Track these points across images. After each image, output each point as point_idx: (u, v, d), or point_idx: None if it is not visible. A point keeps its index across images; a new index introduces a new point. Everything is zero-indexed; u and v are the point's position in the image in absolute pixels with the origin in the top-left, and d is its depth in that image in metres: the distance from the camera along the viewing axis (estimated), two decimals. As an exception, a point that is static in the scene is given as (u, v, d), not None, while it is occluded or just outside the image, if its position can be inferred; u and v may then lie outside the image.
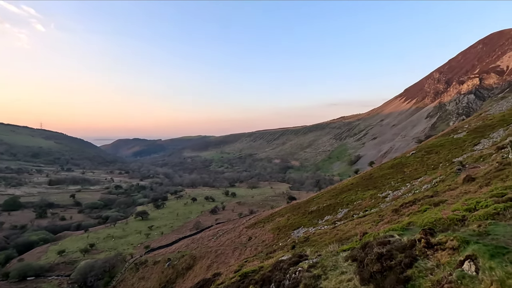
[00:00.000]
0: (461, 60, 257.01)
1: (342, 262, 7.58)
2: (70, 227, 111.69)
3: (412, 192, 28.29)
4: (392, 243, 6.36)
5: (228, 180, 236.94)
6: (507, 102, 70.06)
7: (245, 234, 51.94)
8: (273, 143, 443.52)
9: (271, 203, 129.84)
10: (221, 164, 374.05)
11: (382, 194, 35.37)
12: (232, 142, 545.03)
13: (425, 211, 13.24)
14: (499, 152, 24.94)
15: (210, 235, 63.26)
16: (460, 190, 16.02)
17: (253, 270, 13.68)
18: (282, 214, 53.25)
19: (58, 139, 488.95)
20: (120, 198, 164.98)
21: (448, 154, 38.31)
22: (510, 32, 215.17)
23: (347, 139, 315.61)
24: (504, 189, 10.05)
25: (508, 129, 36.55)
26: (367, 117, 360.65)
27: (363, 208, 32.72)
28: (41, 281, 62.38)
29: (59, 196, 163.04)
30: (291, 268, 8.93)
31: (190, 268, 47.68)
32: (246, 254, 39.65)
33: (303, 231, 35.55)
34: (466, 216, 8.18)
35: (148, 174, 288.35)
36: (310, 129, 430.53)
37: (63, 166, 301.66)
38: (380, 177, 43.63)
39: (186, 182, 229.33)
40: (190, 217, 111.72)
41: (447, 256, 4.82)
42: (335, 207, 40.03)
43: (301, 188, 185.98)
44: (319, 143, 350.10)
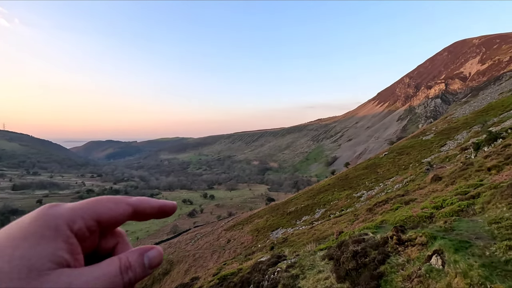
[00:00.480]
0: (429, 66, 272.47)
1: (319, 261, 7.76)
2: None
3: (385, 191, 29.51)
4: (367, 241, 6.60)
5: (207, 182, 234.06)
6: (469, 106, 75.15)
7: (223, 236, 51.55)
8: (252, 145, 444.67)
9: (250, 204, 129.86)
10: (199, 166, 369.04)
11: (357, 194, 36.56)
12: (210, 144, 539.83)
13: (396, 209, 13.87)
14: (463, 153, 26.69)
15: (188, 239, 62.13)
16: (428, 189, 16.94)
17: (232, 273, 13.61)
18: (261, 216, 53.44)
19: (23, 141, 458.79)
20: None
21: (417, 155, 40.39)
22: (471, 41, 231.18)
23: (324, 140, 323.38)
24: (467, 188, 10.77)
25: (470, 131, 39.18)
26: (342, 119, 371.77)
27: (339, 208, 33.64)
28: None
29: (24, 201, 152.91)
30: (270, 269, 9.00)
31: (167, 273, 46.50)
32: (225, 256, 39.35)
33: (282, 232, 35.90)
34: (433, 213, 8.68)
35: (123, 177, 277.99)
36: (288, 131, 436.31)
37: (29, 170, 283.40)
38: (355, 178, 45.09)
39: (163, 185, 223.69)
40: (167, 221, 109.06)
41: (417, 252, 5.09)
42: (313, 208, 40.81)
43: (280, 189, 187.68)
44: (297, 145, 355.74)
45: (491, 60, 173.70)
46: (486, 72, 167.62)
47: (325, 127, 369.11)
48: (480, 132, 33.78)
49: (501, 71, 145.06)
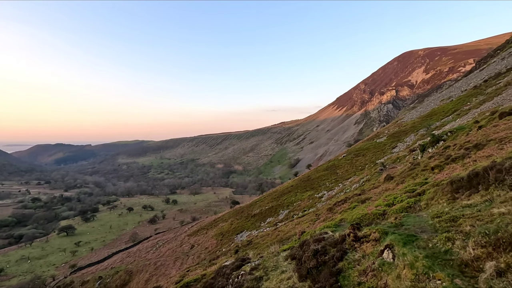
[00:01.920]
0: (382, 74, 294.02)
1: (282, 261, 7.90)
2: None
3: (343, 191, 31.07)
4: (326, 239, 6.88)
5: (169, 187, 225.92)
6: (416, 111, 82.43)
7: (187, 242, 50.11)
8: (215, 148, 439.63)
9: (214, 208, 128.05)
10: (160, 170, 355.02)
11: (318, 194, 37.99)
12: (172, 147, 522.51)
13: (354, 208, 14.67)
14: (411, 154, 29.15)
15: (149, 247, 59.32)
16: (381, 188, 18.20)
17: (196, 279, 13.26)
18: (225, 219, 52.96)
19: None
20: (39, 212, 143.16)
21: (372, 156, 43.22)
22: (417, 53, 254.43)
23: (287, 143, 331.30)
24: (414, 186, 11.77)
25: (417, 134, 42.97)
26: (304, 122, 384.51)
27: (302, 209, 34.63)
28: None
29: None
30: (234, 272, 8.94)
31: (126, 284, 43.86)
32: (189, 263, 38.25)
33: (246, 235, 35.92)
34: (386, 210, 9.34)
35: (75, 183, 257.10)
36: (252, 133, 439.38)
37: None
38: (316, 179, 46.83)
39: (121, 191, 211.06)
40: (125, 229, 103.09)
41: (371, 247, 5.43)
42: (277, 209, 41.49)
43: (244, 192, 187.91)
44: (261, 148, 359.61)
45: (434, 70, 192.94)
46: (430, 80, 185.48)
47: (288, 130, 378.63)
48: (425, 135, 37.25)
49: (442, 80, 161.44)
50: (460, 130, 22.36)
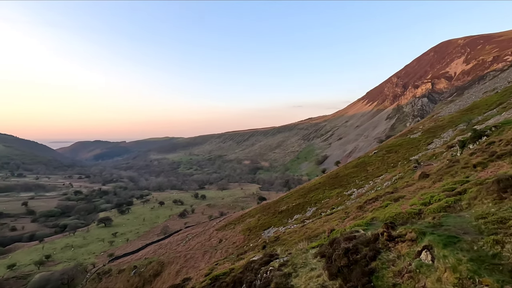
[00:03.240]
0: (416, 66, 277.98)
1: (312, 259, 7.80)
2: (22, 238, 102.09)
3: (374, 189, 29.95)
4: (358, 238, 6.67)
5: (197, 182, 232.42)
6: (455, 105, 77.05)
7: (215, 236, 51.31)
8: (242, 144, 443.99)
9: (241, 204, 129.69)
10: (189, 166, 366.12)
11: (347, 192, 36.99)
12: (201, 143, 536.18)
13: (386, 206, 14.08)
14: (449, 151, 27.33)
15: (179, 240, 61.57)
16: (416, 186, 17.27)
17: (224, 273, 13.55)
18: (252, 215, 53.44)
19: (7, 142, 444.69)
20: (80, 204, 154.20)
21: (405, 153, 41.16)
22: (456, 42, 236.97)
23: (314, 139, 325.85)
24: (454, 184, 11.02)
25: (456, 129, 40.18)
26: (332, 118, 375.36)
27: (330, 206, 33.95)
28: (-13, 299, 56.37)
29: (9, 204, 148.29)
30: (262, 268, 9.00)
31: (158, 274, 45.98)
32: (217, 257, 39.18)
33: (274, 231, 35.98)
34: (422, 209, 8.84)
35: (111, 178, 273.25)
36: (278, 130, 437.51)
37: (13, 172, 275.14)
38: (345, 176, 45.60)
39: (152, 186, 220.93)
40: (157, 222, 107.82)
41: (407, 247, 5.17)
42: (304, 206, 41.06)
43: (271, 188, 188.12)
44: (287, 144, 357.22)
45: (475, 60, 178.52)
46: (470, 71, 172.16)
47: (316, 126, 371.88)
48: (465, 130, 34.69)
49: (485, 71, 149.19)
50: (507, 124, 20.53)
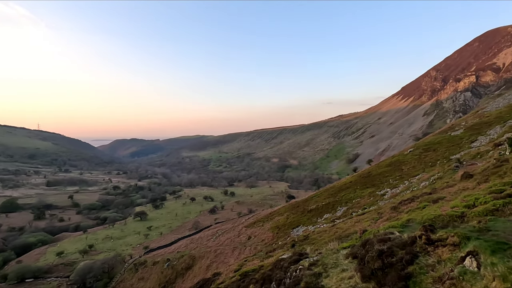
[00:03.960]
0: (457, 58, 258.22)
1: (343, 259, 7.61)
2: (69, 228, 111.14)
3: (410, 189, 28.42)
4: (393, 240, 6.38)
5: (227, 179, 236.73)
6: (503, 99, 70.51)
7: (244, 233, 51.96)
8: (271, 142, 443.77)
9: (270, 202, 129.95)
10: (219, 163, 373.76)
11: (380, 192, 35.49)
12: (229, 141, 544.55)
13: (424, 208, 13.30)
14: (496, 149, 25.10)
15: (209, 235, 63.21)
16: (458, 187, 16.11)
17: (253, 269, 13.68)
18: (281, 213, 53.33)
19: (56, 140, 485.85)
20: (118, 198, 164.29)
21: (445, 151, 38.51)
22: (506, 30, 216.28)
23: (345, 137, 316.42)
24: (502, 186, 10.11)
25: (505, 126, 36.78)
26: (364, 115, 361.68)
27: (361, 206, 32.83)
28: (40, 283, 62.10)
29: (57, 197, 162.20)
30: (292, 266, 8.95)
31: (190, 268, 47.64)
32: (246, 253, 39.67)
33: (303, 230, 35.61)
34: (465, 212, 8.22)
35: (146, 174, 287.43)
36: (308, 127, 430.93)
37: (61, 167, 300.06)
38: (378, 175, 43.78)
39: (184, 182, 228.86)
40: (189, 217, 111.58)
41: (448, 252, 4.84)
42: (334, 205, 40.12)
43: (300, 187, 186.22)
44: (317, 142, 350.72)
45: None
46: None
47: (346, 124, 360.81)
48: (516, 126, 31.59)
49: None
50: None
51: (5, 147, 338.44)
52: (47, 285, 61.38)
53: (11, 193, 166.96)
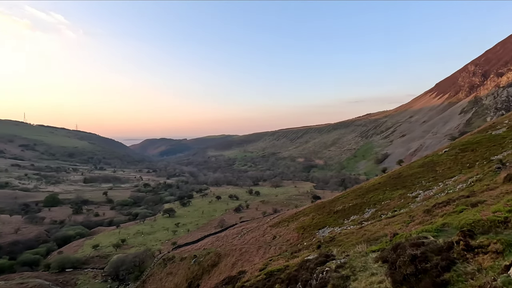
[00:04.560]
0: (500, 50, 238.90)
1: (372, 263, 7.35)
2: (103, 223, 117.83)
3: (445, 192, 26.81)
4: (427, 245, 6.06)
5: (252, 179, 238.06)
6: (554, 94, 64.16)
7: (269, 233, 51.98)
8: (296, 142, 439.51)
9: (295, 202, 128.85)
10: (244, 163, 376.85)
11: (412, 193, 33.84)
12: (254, 141, 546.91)
13: (461, 212, 12.49)
14: (546, 149, 22.94)
15: (235, 233, 63.98)
16: (500, 190, 14.94)
17: (279, 269, 13.65)
18: (306, 213, 52.66)
19: (92, 139, 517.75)
20: (148, 196, 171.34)
21: (485, 151, 35.86)
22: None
23: (374, 136, 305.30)
24: (553, 189, 9.22)
25: (555, 124, 33.50)
26: (394, 113, 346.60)
27: (391, 208, 31.52)
28: (78, 272, 66.51)
29: (93, 193, 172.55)
30: (318, 267, 8.81)
31: (215, 265, 48.56)
32: (271, 253, 39.67)
33: (329, 231, 34.92)
34: (509, 217, 7.60)
35: (174, 172, 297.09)
36: (334, 127, 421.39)
37: (96, 165, 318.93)
38: (409, 176, 41.78)
39: (210, 181, 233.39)
40: (214, 215, 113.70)
41: (490, 260, 4.50)
42: (362, 207, 38.89)
43: (326, 187, 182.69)
44: (343, 141, 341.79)
45: None
46: None
47: (375, 122, 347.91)
48: None
49: None
50: None
51: (48, 146, 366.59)
52: (84, 275, 65.60)
53: (53, 188, 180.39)
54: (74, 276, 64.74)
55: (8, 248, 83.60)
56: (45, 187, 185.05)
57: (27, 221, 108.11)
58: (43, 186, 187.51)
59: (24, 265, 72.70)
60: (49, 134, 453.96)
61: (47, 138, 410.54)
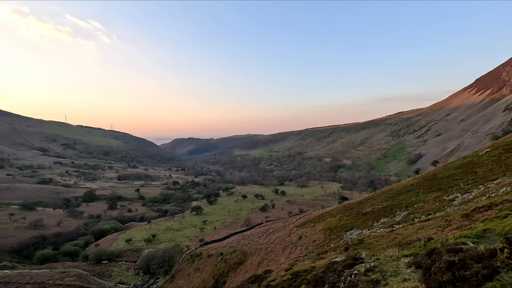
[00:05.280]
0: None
1: (404, 268, 7.03)
2: (135, 218, 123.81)
3: (486, 195, 24.89)
4: (466, 251, 5.67)
5: (277, 178, 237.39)
6: None
7: (295, 233, 51.54)
8: (323, 141, 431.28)
9: (321, 202, 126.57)
10: (270, 162, 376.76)
11: (448, 196, 31.82)
12: (280, 140, 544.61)
13: (505, 217, 11.55)
14: None
15: (260, 233, 64.20)
16: (552, 194, 13.58)
17: (305, 270, 13.49)
18: (333, 215, 51.52)
19: (125, 139, 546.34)
20: (177, 193, 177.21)
21: (534, 152, 32.78)
22: None
23: (406, 136, 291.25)
24: None
25: None
26: (428, 111, 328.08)
27: (425, 212, 29.87)
28: (113, 265, 70.52)
29: (126, 190, 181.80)
30: (346, 270, 8.58)
31: (241, 263, 49.06)
32: (296, 253, 39.33)
33: (357, 233, 33.89)
34: (562, 225, 6.90)
35: (202, 171, 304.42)
36: (362, 126, 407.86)
37: (129, 163, 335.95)
38: (445, 178, 39.32)
39: (236, 180, 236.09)
40: (240, 214, 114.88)
41: (540, 271, 4.12)
42: (393, 209, 37.27)
43: (354, 188, 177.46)
44: (373, 141, 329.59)
45: None
46: None
47: (407, 121, 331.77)
48: None
49: None
50: None
51: (86, 145, 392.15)
52: (118, 267, 69.39)
53: (91, 185, 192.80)
54: (109, 268, 68.71)
55: (52, 239, 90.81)
56: (83, 183, 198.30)
57: (68, 214, 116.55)
58: (82, 182, 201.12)
59: (66, 255, 78.63)
60: (87, 134, 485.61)
61: (85, 137, 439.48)
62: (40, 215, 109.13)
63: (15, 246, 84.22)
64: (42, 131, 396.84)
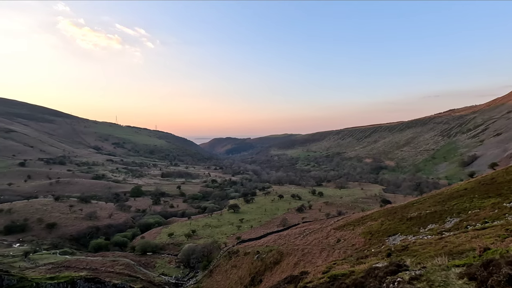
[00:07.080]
0: None
1: (455, 279, 6.48)
2: (177, 213, 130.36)
3: (558, 203, 21.79)
4: (530, 265, 5.05)
5: (315, 179, 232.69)
6: None
7: (333, 235, 50.12)
8: (363, 141, 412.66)
9: (361, 205, 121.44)
10: (307, 162, 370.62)
11: (509, 203, 28.49)
12: (318, 140, 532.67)
13: None
14: None
15: (297, 233, 63.51)
16: None
17: (343, 274, 13.06)
18: (374, 218, 49.09)
19: (168, 138, 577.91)
20: (215, 191, 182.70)
21: None
22: None
23: (458, 136, 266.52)
24: None
25: None
26: (486, 108, 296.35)
27: (481, 219, 27.08)
28: (156, 257, 75.10)
29: (169, 187, 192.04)
30: (388, 277, 8.16)
31: (278, 263, 49.02)
32: (334, 256, 38.22)
33: (401, 239, 31.91)
34: None
35: (239, 170, 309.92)
36: (407, 125, 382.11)
37: (172, 161, 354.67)
38: (506, 183, 35.25)
39: (273, 179, 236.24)
40: (277, 214, 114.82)
41: None
42: (442, 215, 34.40)
43: (397, 191, 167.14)
44: (419, 141, 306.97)
45: None
46: None
47: (459, 119, 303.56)
48: None
49: None
50: None
51: (134, 144, 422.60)
52: (161, 259, 73.70)
53: (137, 181, 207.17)
54: (153, 259, 73.30)
55: (104, 230, 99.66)
56: (131, 179, 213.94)
57: (117, 208, 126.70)
58: (129, 178, 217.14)
59: (116, 245, 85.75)
60: (134, 133, 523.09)
61: (133, 137, 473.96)
62: (94, 207, 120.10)
63: (74, 234, 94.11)
64: (96, 131, 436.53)
